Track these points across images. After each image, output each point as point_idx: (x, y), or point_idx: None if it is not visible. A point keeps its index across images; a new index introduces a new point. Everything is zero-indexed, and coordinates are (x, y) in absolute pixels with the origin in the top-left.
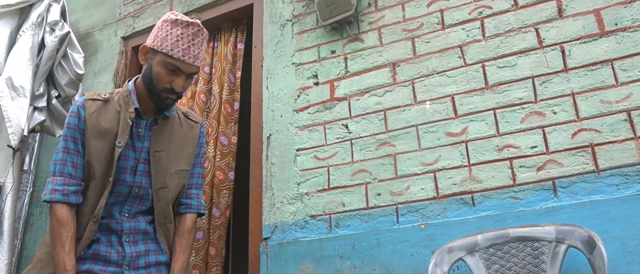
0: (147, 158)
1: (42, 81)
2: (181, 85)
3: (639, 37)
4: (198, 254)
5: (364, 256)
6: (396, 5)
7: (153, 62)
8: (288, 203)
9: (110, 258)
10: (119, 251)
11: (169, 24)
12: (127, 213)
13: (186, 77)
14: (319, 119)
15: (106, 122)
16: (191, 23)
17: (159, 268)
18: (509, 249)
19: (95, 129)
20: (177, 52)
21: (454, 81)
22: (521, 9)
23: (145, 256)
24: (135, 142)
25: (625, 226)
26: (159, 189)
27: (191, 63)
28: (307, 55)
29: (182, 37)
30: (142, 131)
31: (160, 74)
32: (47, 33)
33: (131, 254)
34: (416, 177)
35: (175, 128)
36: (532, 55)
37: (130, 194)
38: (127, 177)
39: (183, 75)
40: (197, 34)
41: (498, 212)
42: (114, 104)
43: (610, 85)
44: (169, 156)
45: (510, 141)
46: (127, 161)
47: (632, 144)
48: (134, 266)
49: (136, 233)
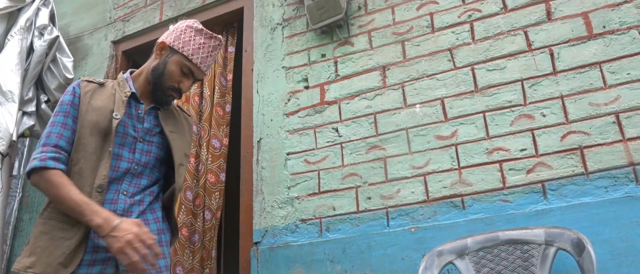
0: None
1: (31, 86)
2: (187, 86)
3: (626, 40)
4: (195, 256)
5: (354, 260)
6: (386, 8)
7: (169, 60)
8: (278, 207)
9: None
10: None
11: (193, 31)
12: (125, 191)
13: (191, 81)
14: (309, 123)
15: (101, 101)
16: (214, 37)
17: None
18: (499, 252)
19: (89, 105)
20: (197, 58)
21: (444, 84)
22: (510, 12)
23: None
24: (134, 122)
25: (614, 228)
26: (179, 165)
27: (204, 71)
28: (297, 58)
29: (203, 45)
30: (142, 113)
31: (173, 72)
32: (36, 37)
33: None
34: (406, 181)
35: (176, 117)
36: (521, 58)
37: (129, 171)
38: (125, 153)
39: (192, 78)
40: (217, 48)
41: (488, 215)
42: (109, 88)
43: (598, 87)
44: (180, 138)
45: (499, 144)
46: (126, 138)
47: (621, 147)
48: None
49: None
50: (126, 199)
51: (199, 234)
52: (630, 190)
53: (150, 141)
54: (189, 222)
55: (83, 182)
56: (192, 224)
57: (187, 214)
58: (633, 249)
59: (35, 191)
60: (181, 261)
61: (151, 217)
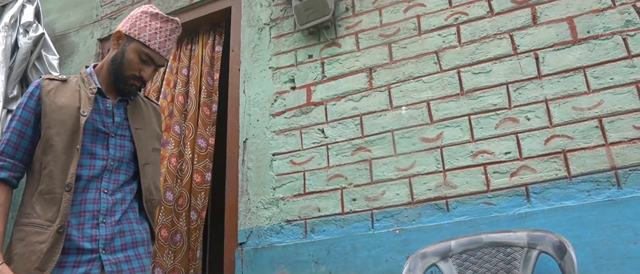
0: (122, 134)
1: (15, 83)
2: (149, 74)
3: (610, 45)
4: (176, 256)
5: (339, 261)
6: (373, 10)
7: (126, 48)
8: (264, 208)
9: (83, 246)
10: (91, 234)
11: (149, 16)
12: (105, 189)
13: (152, 68)
14: (295, 124)
15: (65, 98)
16: (171, 19)
17: (136, 249)
18: (482, 254)
19: (54, 104)
20: (154, 43)
21: (430, 86)
22: (496, 15)
23: (120, 236)
24: (103, 117)
25: (595, 232)
26: (144, 165)
27: (164, 56)
28: (284, 59)
29: (160, 30)
30: (110, 107)
31: (132, 61)
32: (21, 34)
33: (106, 237)
34: (391, 183)
35: (143, 109)
36: (507, 61)
37: (106, 168)
38: (99, 150)
39: (153, 65)
40: (175, 31)
41: (472, 217)
42: (73, 84)
43: (582, 92)
44: (146, 134)
45: (484, 147)
46: (96, 134)
47: (603, 151)
48: (111, 249)
49: (113, 214)
50: (108, 198)
51: (182, 235)
52: (612, 194)
53: (123, 134)
54: (170, 222)
55: (54, 184)
56: (173, 224)
57: (167, 214)
58: (614, 252)
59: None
60: (160, 262)
61: (133, 216)
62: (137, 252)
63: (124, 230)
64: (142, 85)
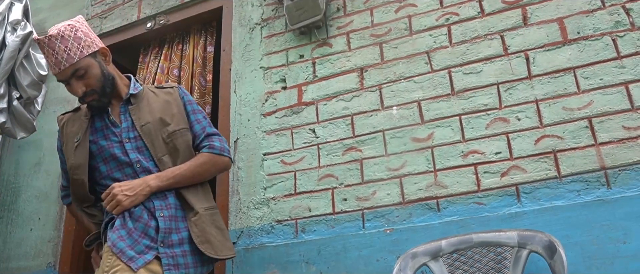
0: (135, 136)
1: (2, 82)
2: (75, 90)
3: (600, 46)
4: None
5: (329, 261)
6: (365, 10)
7: None
8: (254, 208)
9: (148, 230)
10: (154, 224)
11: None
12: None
13: (75, 81)
14: (286, 124)
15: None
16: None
17: (191, 244)
18: (473, 254)
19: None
20: (52, 67)
21: (421, 86)
22: (487, 16)
23: (176, 232)
24: (106, 131)
25: (585, 231)
26: (161, 157)
27: (58, 71)
28: (275, 59)
29: (46, 55)
30: (112, 117)
31: (66, 89)
32: (9, 33)
33: (165, 230)
34: (382, 183)
35: (151, 101)
36: (498, 62)
37: (136, 171)
38: (122, 158)
39: (67, 83)
40: (43, 47)
41: (462, 217)
42: (83, 109)
43: (572, 92)
44: (157, 125)
45: (475, 147)
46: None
47: (593, 151)
48: (168, 243)
49: (168, 208)
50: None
51: None
52: (601, 194)
53: (136, 136)
54: None
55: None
56: None
57: None
58: (603, 252)
59: (7, 189)
60: None
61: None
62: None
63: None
64: (87, 99)
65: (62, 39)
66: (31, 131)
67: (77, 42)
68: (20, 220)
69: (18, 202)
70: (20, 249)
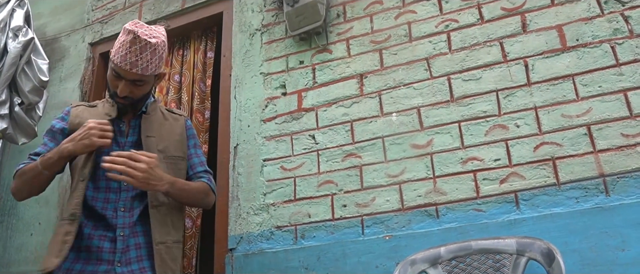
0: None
1: (4, 88)
2: (122, 90)
3: (599, 53)
4: None
5: (329, 267)
6: (365, 16)
7: (109, 67)
8: (254, 214)
9: (101, 256)
10: (110, 247)
11: (121, 32)
12: (123, 207)
13: (129, 83)
14: (286, 130)
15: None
16: (130, 31)
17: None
18: (471, 261)
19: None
20: (116, 58)
21: (420, 93)
22: (487, 23)
23: (136, 248)
24: (117, 138)
25: (584, 239)
26: None
27: (127, 69)
28: (275, 65)
29: (123, 44)
30: (124, 126)
31: (110, 78)
32: (10, 39)
33: (122, 249)
34: (381, 189)
35: (161, 120)
36: (497, 68)
37: (121, 188)
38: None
39: (123, 80)
40: (134, 42)
41: (461, 224)
42: (100, 107)
43: (571, 99)
44: (159, 142)
45: (474, 154)
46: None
47: (592, 158)
48: (126, 261)
49: (131, 226)
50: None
51: None
52: (600, 201)
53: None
54: None
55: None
56: None
57: None
58: (602, 259)
59: (8, 194)
60: None
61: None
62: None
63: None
64: (125, 101)
65: (154, 51)
66: (32, 136)
67: (159, 60)
68: (21, 225)
69: (18, 207)
70: (20, 254)
